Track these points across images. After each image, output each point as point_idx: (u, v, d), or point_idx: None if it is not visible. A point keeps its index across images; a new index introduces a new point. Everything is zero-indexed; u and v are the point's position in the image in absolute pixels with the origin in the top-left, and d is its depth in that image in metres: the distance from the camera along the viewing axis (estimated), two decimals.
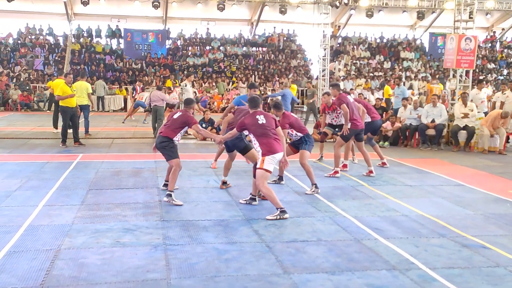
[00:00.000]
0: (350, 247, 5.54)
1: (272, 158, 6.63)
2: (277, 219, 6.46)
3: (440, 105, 13.71)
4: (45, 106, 23.90)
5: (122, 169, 9.66)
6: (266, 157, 6.61)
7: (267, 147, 6.63)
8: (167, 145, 7.37)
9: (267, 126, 6.76)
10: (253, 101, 7.03)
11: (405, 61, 31.68)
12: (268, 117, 6.91)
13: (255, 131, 6.74)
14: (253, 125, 6.76)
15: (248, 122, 6.82)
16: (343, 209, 7.13)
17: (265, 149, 6.63)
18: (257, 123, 6.75)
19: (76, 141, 12.66)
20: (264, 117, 6.85)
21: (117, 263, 4.91)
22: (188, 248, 5.38)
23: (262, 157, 6.63)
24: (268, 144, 6.65)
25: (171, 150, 7.39)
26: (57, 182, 8.39)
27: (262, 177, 6.62)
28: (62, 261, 4.93)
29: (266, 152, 6.62)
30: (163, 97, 15.07)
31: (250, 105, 7.04)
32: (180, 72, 28.14)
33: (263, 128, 6.73)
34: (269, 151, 6.62)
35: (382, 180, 9.26)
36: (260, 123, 6.75)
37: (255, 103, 7.00)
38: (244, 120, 6.92)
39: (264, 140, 6.68)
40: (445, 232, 6.17)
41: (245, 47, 31.63)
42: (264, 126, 6.74)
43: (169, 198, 7.20)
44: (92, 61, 28.48)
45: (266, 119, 6.83)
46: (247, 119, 6.88)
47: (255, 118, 6.82)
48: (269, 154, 6.62)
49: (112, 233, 5.80)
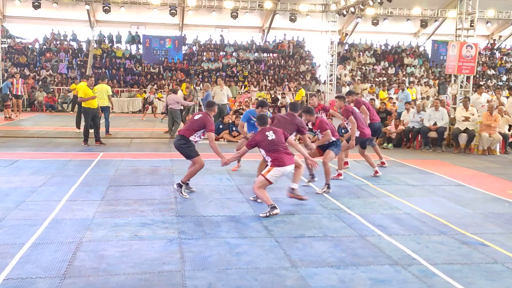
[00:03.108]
0: (355, 243, 5.53)
1: (278, 171, 6.61)
2: (267, 215, 6.42)
3: (442, 109, 13.61)
4: (68, 107, 24.05)
5: (140, 167, 9.70)
6: (273, 168, 6.61)
7: (276, 160, 6.64)
8: (184, 145, 7.37)
9: (277, 141, 6.76)
10: (261, 119, 7.08)
11: (409, 67, 31.48)
12: (277, 132, 6.90)
13: (266, 147, 6.75)
14: (263, 141, 6.77)
15: (259, 139, 6.83)
16: (348, 207, 7.12)
17: (275, 162, 6.64)
18: (267, 139, 6.76)
19: (97, 141, 12.72)
20: (273, 132, 6.85)
21: (135, 255, 4.94)
22: (201, 242, 5.40)
23: (270, 167, 6.66)
24: (278, 158, 6.64)
25: (189, 149, 7.38)
26: (79, 178, 8.46)
27: (261, 183, 6.64)
28: (83, 253, 4.97)
29: (275, 164, 6.62)
30: (179, 100, 15.19)
31: (259, 122, 7.05)
32: (195, 76, 28.22)
33: (273, 144, 6.73)
34: (278, 164, 6.62)
35: (385, 179, 9.21)
36: (270, 139, 6.75)
37: (263, 121, 7.04)
38: (255, 137, 6.92)
39: (275, 154, 6.67)
40: (446, 229, 6.14)
41: (256, 53, 31.61)
42: (274, 142, 6.74)
43: (178, 188, 7.25)
44: (113, 65, 28.62)
45: (275, 134, 6.83)
46: (257, 136, 6.89)
47: (264, 134, 6.82)
48: (277, 166, 6.61)
49: (130, 227, 5.83)
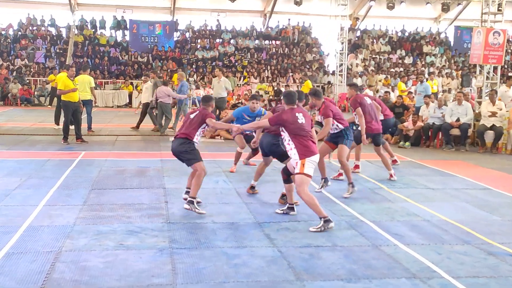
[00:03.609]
0: (368, 253, 5.53)
1: (311, 162, 6.27)
2: (321, 230, 6.13)
3: (465, 103, 13.61)
4: (46, 101, 24.10)
5: (126, 168, 9.71)
6: (306, 160, 6.22)
7: (305, 148, 6.26)
8: (187, 148, 6.92)
9: (306, 126, 6.42)
10: (290, 96, 6.56)
11: (428, 56, 31.50)
12: (307, 117, 6.54)
13: (294, 130, 6.31)
14: (293, 123, 6.34)
15: (287, 118, 6.36)
16: (360, 213, 7.11)
17: (303, 151, 6.24)
18: (297, 121, 6.33)
19: (79, 138, 12.74)
20: (303, 115, 6.45)
21: (120, 266, 4.94)
22: (195, 252, 5.40)
23: (301, 159, 6.22)
24: (307, 146, 6.27)
25: (192, 152, 6.92)
26: (58, 180, 8.45)
27: (303, 183, 6.24)
28: (63, 263, 4.97)
29: (305, 154, 6.24)
30: (170, 93, 15.10)
31: (287, 100, 6.54)
32: (188, 66, 28.20)
33: (302, 128, 6.34)
34: (308, 153, 6.25)
35: (402, 182, 9.21)
36: (300, 123, 6.34)
37: (292, 99, 6.52)
38: (282, 115, 6.43)
39: (302, 140, 6.27)
40: (470, 238, 6.13)
41: (257, 40, 31.63)
42: (303, 126, 6.35)
43: (190, 206, 6.77)
44: (96, 54, 28.66)
45: (305, 118, 6.45)
46: (285, 115, 6.41)
47: (294, 115, 6.39)
48: (309, 156, 6.25)
49: (115, 235, 5.83)
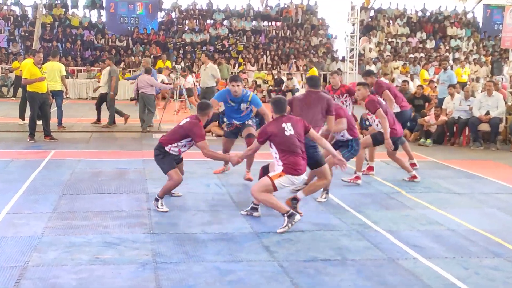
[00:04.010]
0: (383, 268, 5.53)
1: (289, 180, 6.59)
2: (289, 227, 6.41)
3: (496, 94, 13.63)
4: (9, 91, 24.10)
5: (102, 170, 9.71)
6: (285, 175, 6.53)
7: (291, 166, 6.52)
8: (157, 154, 7.38)
9: (296, 137, 6.57)
10: (278, 104, 6.73)
11: (453, 39, 31.55)
12: (297, 125, 6.66)
13: (280, 144, 6.56)
14: (278, 136, 6.56)
15: (272, 131, 6.59)
16: (374, 221, 7.12)
17: (288, 168, 6.51)
18: (283, 134, 6.54)
19: (47, 135, 12.72)
20: (291, 125, 6.61)
21: (96, 284, 4.93)
22: (183, 267, 5.40)
23: (282, 172, 6.54)
24: (293, 164, 6.55)
25: (162, 161, 7.35)
26: (24, 184, 8.44)
27: (264, 187, 6.60)
28: (29, 280, 4.95)
29: (288, 171, 6.52)
30: (153, 83, 15.05)
31: (275, 109, 6.72)
32: (174, 52, 28.16)
33: (290, 142, 6.55)
34: (292, 171, 6.54)
35: (423, 186, 9.22)
36: (287, 135, 6.53)
37: (281, 107, 6.71)
38: (266, 128, 6.70)
39: (290, 157, 6.54)
40: (501, 250, 6.14)
41: (254, 21, 31.68)
42: (291, 139, 6.55)
43: (155, 202, 7.32)
44: (67, 37, 28.64)
45: (294, 128, 6.61)
46: (269, 127, 6.67)
47: (280, 126, 6.56)
48: (291, 174, 6.54)
49: (90, 248, 5.82)
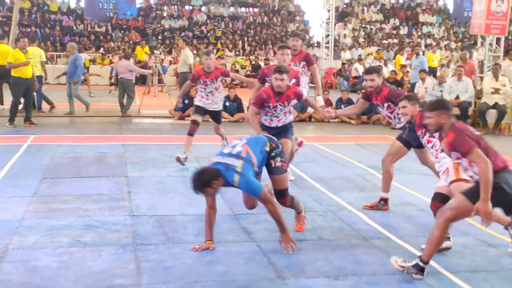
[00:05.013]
0: (357, 248, 5.59)
1: None
2: None
3: (466, 78, 13.75)
4: None
5: (82, 154, 9.64)
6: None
7: None
8: None
9: None
10: None
11: (425, 26, 31.72)
12: None
13: None
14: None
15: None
16: (349, 202, 7.18)
17: None
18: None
19: (27, 120, 12.58)
20: None
21: (76, 266, 4.92)
22: (162, 248, 5.40)
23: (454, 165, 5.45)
24: None
25: None
26: (3, 169, 8.37)
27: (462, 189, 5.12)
28: (9, 264, 4.92)
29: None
30: (132, 68, 14.96)
31: None
32: (153, 37, 27.95)
33: None
34: None
35: (395, 168, 9.24)
36: None
37: None
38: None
39: None
40: (470, 229, 6.23)
41: (232, 8, 31.51)
42: None
43: None
44: (46, 23, 28.22)
45: None
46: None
47: None
48: None
49: (70, 231, 5.79)
